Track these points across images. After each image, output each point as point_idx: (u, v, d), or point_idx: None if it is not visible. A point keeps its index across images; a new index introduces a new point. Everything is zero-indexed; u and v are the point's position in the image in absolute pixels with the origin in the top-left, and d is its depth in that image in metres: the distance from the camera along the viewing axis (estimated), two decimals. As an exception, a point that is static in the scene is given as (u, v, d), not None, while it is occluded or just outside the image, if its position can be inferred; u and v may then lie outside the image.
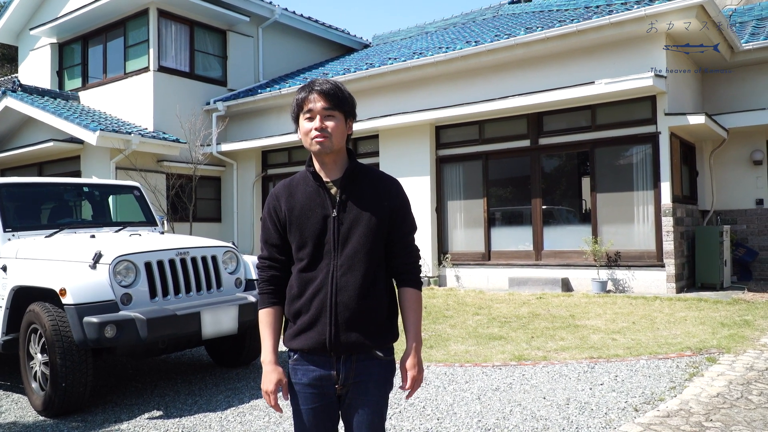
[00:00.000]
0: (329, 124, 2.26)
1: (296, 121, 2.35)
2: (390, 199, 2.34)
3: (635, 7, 10.25)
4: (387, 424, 4.46)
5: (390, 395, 2.43)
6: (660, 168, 10.12)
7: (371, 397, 2.31)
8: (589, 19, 10.55)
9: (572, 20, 10.99)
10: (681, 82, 10.99)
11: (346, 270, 2.24)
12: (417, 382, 2.37)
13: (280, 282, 2.36)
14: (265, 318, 2.35)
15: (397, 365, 2.41)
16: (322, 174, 2.32)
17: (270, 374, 2.30)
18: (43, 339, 4.94)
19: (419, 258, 2.45)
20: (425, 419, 4.56)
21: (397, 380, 2.43)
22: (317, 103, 2.26)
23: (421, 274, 2.51)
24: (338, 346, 2.23)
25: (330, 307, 2.23)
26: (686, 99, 11.27)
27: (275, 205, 2.34)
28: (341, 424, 2.38)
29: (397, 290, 2.41)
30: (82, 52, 16.49)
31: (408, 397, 2.44)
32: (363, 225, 2.27)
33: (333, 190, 2.31)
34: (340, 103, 2.29)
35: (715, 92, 12.36)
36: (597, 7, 12.01)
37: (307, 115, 2.28)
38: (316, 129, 2.25)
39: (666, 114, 10.05)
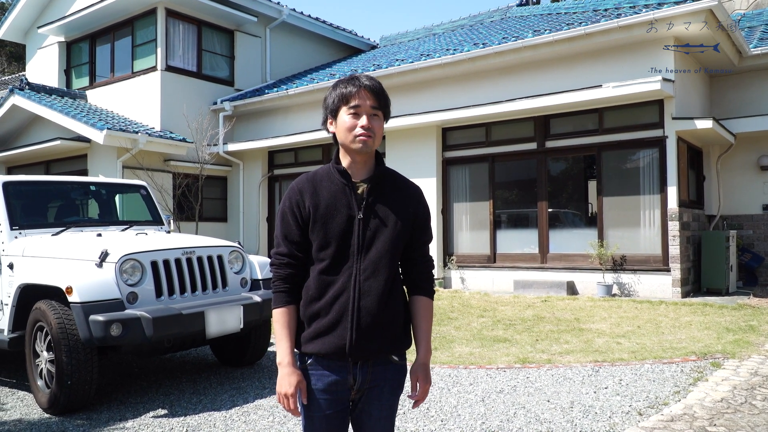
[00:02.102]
0: (375, 124, 2.22)
1: (334, 114, 2.26)
2: (415, 207, 2.32)
3: (644, 10, 10.23)
4: (391, 426, 4.47)
5: None
6: (667, 172, 10.10)
7: (385, 402, 2.29)
8: (598, 22, 10.54)
9: (580, 23, 10.98)
10: (689, 87, 10.97)
11: (370, 274, 2.19)
12: (427, 392, 2.37)
13: (297, 280, 2.26)
14: (281, 317, 2.23)
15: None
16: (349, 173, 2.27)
17: (289, 376, 2.19)
18: (49, 337, 4.96)
19: (434, 267, 2.43)
20: (429, 421, 4.56)
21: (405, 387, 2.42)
22: (366, 101, 2.20)
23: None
24: (358, 352, 2.18)
25: (352, 312, 2.16)
26: (694, 103, 11.25)
27: (298, 200, 2.23)
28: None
29: (409, 298, 2.38)
30: (89, 50, 16.55)
31: (415, 406, 2.40)
32: (389, 230, 2.23)
33: (359, 191, 2.24)
34: (386, 103, 2.26)
35: (723, 97, 12.32)
36: (605, 10, 12.00)
37: (353, 111, 2.19)
38: (363, 127, 2.19)
39: (673, 118, 10.03)
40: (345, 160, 2.27)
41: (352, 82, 2.23)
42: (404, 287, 2.38)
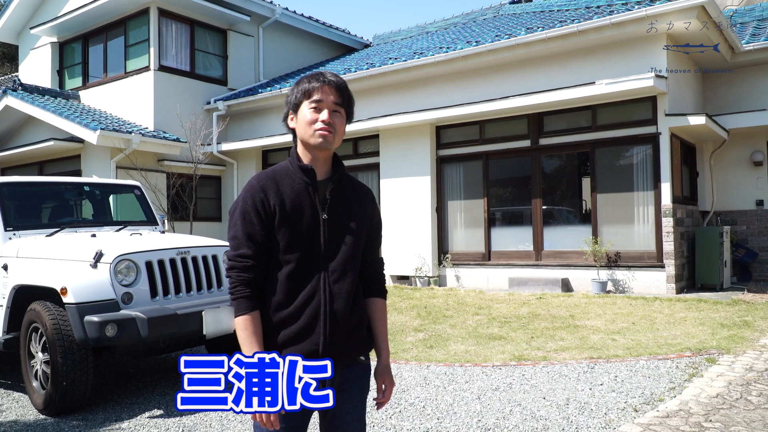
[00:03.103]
0: (336, 120, 2.18)
1: (295, 108, 2.21)
2: (372, 209, 2.32)
3: (636, 7, 10.24)
4: (388, 424, 4.49)
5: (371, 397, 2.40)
6: (660, 169, 10.12)
7: (356, 403, 2.27)
8: (590, 19, 10.55)
9: (573, 20, 10.99)
10: (681, 83, 11.00)
11: (339, 277, 2.16)
12: (391, 393, 2.36)
13: (258, 284, 2.16)
14: (248, 325, 2.12)
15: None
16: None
17: None
18: (44, 338, 4.95)
19: (384, 268, 2.44)
20: (425, 419, 4.57)
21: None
22: (329, 96, 2.17)
23: (416, 276, 2.48)
24: (331, 356, 2.10)
25: (324, 316, 2.12)
26: (687, 99, 11.28)
27: (262, 198, 2.12)
28: None
29: (364, 300, 2.35)
30: (82, 51, 16.48)
31: (379, 407, 2.36)
32: (353, 231, 2.21)
33: (321, 190, 2.20)
34: (348, 101, 2.24)
35: (716, 93, 12.36)
36: (598, 7, 12.01)
37: (314, 105, 2.16)
38: (323, 122, 2.14)
39: (666, 115, 10.05)
40: (305, 158, 2.22)
41: (316, 77, 2.20)
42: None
